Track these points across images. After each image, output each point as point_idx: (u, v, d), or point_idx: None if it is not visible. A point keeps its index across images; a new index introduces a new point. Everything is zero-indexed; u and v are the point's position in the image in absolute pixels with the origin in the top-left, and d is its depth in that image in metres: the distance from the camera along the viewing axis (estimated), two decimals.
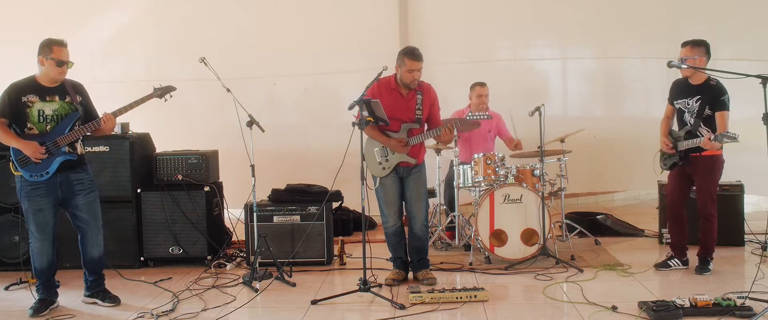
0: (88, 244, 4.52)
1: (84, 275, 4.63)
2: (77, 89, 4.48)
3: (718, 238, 5.01)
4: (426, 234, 5.04)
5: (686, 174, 5.00)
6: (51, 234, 4.42)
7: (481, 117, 4.84)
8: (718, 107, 4.76)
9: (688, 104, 4.91)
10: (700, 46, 4.81)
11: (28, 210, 4.38)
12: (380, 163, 4.84)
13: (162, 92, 4.61)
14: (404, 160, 4.83)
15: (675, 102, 5.03)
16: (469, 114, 4.96)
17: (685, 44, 4.85)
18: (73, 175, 4.42)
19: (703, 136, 4.72)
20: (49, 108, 4.34)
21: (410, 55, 4.73)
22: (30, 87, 4.33)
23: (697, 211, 4.98)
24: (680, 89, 5.01)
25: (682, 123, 4.99)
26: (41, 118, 4.32)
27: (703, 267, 4.97)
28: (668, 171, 5.15)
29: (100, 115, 4.42)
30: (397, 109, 4.81)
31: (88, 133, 4.42)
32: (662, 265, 5.11)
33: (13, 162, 4.32)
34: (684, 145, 4.89)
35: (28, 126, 4.31)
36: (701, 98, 4.82)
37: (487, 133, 6.53)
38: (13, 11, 7.47)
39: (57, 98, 4.36)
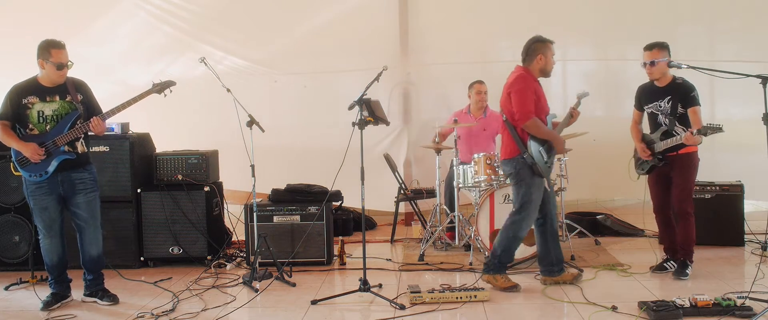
0: (87, 243, 4.55)
1: (83, 274, 4.64)
2: (79, 87, 4.49)
3: (717, 238, 4.99)
4: None
5: (665, 175, 4.95)
6: (58, 231, 4.49)
7: (585, 95, 4.89)
8: (689, 103, 4.76)
9: (660, 106, 4.89)
10: (665, 48, 4.82)
11: (34, 208, 4.45)
12: (547, 162, 4.60)
13: (161, 87, 4.59)
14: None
15: (645, 107, 5.02)
16: (581, 92, 4.91)
17: (651, 47, 4.81)
18: (74, 174, 4.45)
19: (679, 134, 4.72)
20: (49, 108, 4.37)
21: (550, 40, 4.67)
22: (31, 88, 4.37)
23: (673, 210, 4.93)
24: (648, 93, 4.99)
25: (656, 125, 4.95)
26: (41, 118, 4.35)
27: (682, 271, 4.86)
28: (646, 176, 5.09)
29: (103, 111, 4.45)
30: (544, 101, 4.71)
31: (80, 135, 4.42)
32: (658, 268, 5.09)
33: (13, 162, 4.39)
34: (662, 145, 4.85)
35: (30, 127, 4.35)
36: (672, 98, 4.82)
37: (482, 131, 6.52)
38: (14, 13, 7.49)
39: (57, 98, 4.39)
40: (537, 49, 4.67)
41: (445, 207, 6.25)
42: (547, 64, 4.67)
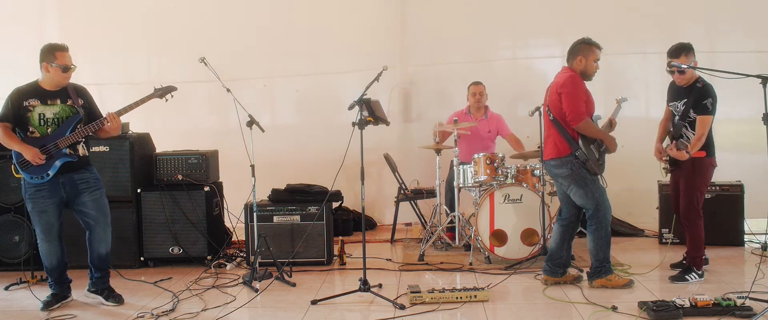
0: (96, 241, 4.54)
1: (90, 271, 4.64)
2: (80, 92, 4.51)
3: (717, 238, 4.94)
4: None
5: (678, 177, 4.89)
6: (57, 234, 4.49)
7: (625, 100, 4.91)
8: (699, 111, 4.66)
9: (678, 107, 4.84)
10: (691, 50, 4.71)
11: (32, 211, 4.43)
12: (599, 159, 4.58)
13: (163, 92, 4.61)
14: None
15: (669, 104, 4.98)
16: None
17: (678, 52, 4.68)
18: (76, 176, 4.45)
19: (682, 139, 4.69)
20: (50, 111, 4.37)
21: (596, 43, 4.58)
22: (32, 91, 4.38)
23: (680, 217, 4.87)
24: (673, 91, 4.94)
25: (673, 126, 4.92)
26: (42, 121, 4.35)
27: (682, 276, 4.79)
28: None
29: (104, 115, 4.43)
30: (592, 102, 4.63)
31: (91, 133, 4.43)
32: (678, 265, 5.07)
33: (14, 164, 4.37)
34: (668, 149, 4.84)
35: (30, 129, 4.35)
36: (687, 100, 4.74)
37: (487, 133, 6.54)
38: (12, 13, 7.50)
39: (58, 101, 4.40)
40: (579, 50, 4.60)
41: (445, 207, 6.25)
42: (587, 66, 4.58)
